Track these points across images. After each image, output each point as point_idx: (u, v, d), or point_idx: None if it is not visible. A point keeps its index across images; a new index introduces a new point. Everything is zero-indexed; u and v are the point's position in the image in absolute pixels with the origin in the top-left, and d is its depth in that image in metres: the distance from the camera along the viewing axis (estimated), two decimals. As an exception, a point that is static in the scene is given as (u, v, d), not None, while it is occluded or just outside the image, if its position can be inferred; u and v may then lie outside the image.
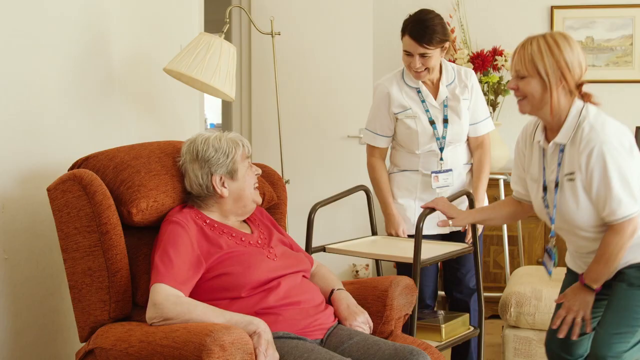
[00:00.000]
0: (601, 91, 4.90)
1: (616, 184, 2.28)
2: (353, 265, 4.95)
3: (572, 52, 2.35)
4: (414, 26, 3.13)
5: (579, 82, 2.37)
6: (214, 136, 2.48)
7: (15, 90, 2.58)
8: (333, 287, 2.57)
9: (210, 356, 1.91)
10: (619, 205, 2.28)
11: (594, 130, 2.32)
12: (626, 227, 2.30)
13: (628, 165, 2.30)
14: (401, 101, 3.26)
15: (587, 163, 2.31)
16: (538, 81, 2.35)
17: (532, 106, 2.41)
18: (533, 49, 2.35)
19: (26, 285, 2.64)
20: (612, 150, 2.29)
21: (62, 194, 2.34)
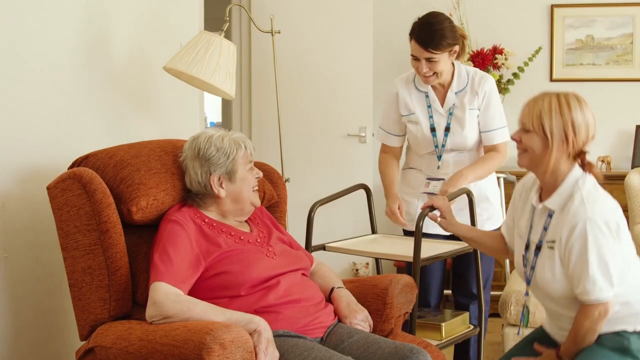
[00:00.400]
0: (601, 90, 4.97)
1: (593, 264, 2.20)
2: (353, 264, 4.96)
3: (581, 116, 2.29)
4: (421, 30, 3.05)
5: (582, 148, 2.30)
6: (217, 135, 2.47)
7: (15, 89, 2.58)
8: (333, 285, 2.57)
9: (211, 354, 1.91)
10: (593, 286, 2.20)
11: (583, 205, 2.24)
12: (594, 310, 2.22)
13: (609, 247, 2.22)
14: (407, 104, 3.24)
15: (569, 237, 2.24)
16: (541, 139, 2.28)
17: (530, 162, 2.35)
18: (544, 105, 2.28)
19: (26, 284, 2.64)
20: (595, 229, 2.21)
21: (62, 192, 2.34)
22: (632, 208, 3.89)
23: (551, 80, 5.10)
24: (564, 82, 5.07)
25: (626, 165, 4.88)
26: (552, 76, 5.11)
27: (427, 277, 3.22)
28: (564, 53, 5.11)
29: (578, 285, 2.23)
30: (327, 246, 3.13)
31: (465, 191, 3.02)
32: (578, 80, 5.06)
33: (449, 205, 2.73)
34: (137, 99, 3.38)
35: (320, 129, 5.02)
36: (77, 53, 2.91)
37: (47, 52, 2.73)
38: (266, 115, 5.01)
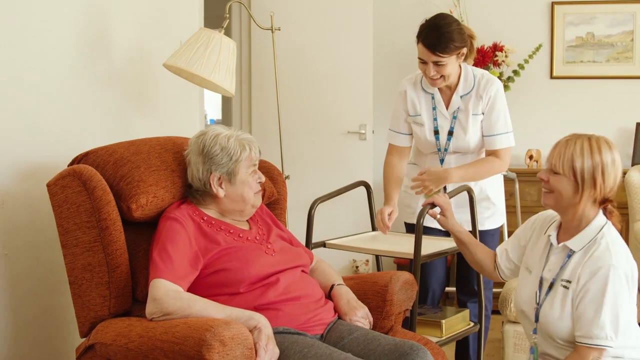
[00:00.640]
0: (601, 87, 4.97)
1: (607, 310, 2.22)
2: (353, 261, 4.96)
3: (612, 162, 2.29)
4: (428, 33, 3.02)
5: (607, 195, 2.31)
6: (224, 134, 2.45)
7: (15, 87, 2.58)
8: (333, 282, 2.57)
9: (211, 351, 1.91)
10: (600, 330, 2.21)
11: (609, 252, 2.26)
12: (589, 354, 2.23)
13: (623, 299, 2.25)
14: (415, 104, 3.22)
15: (589, 279, 2.25)
16: (571, 182, 2.29)
17: (556, 203, 2.35)
18: (576, 149, 2.28)
19: (26, 281, 2.64)
20: (616, 277, 2.23)
21: (61, 189, 2.34)
22: (632, 205, 3.90)
23: (551, 77, 5.10)
24: (564, 79, 5.07)
25: (626, 163, 4.87)
26: (553, 73, 5.11)
27: (427, 274, 3.22)
28: (564, 50, 5.10)
29: (584, 327, 2.24)
30: (327, 243, 3.13)
31: (465, 188, 3.02)
32: (578, 77, 5.06)
33: (449, 203, 2.73)
34: (137, 96, 3.38)
35: (320, 126, 5.02)
36: (77, 50, 2.91)
37: (47, 49, 2.73)
38: (266, 112, 5.01)
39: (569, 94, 5.05)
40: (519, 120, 5.07)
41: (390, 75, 5.31)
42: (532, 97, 5.07)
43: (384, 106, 5.22)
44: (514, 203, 4.50)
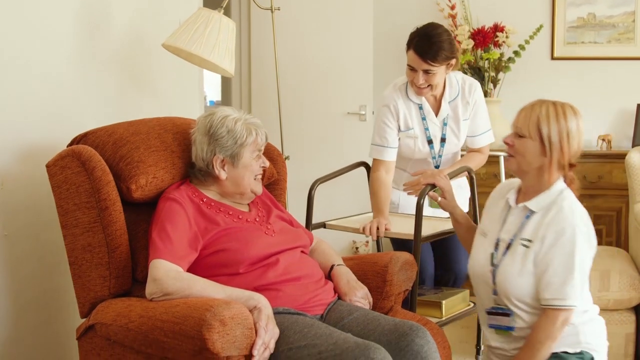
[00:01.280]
0: (602, 68, 4.94)
1: (578, 270, 2.25)
2: (353, 242, 4.96)
3: (576, 127, 2.33)
4: (420, 41, 3.03)
5: (572, 159, 2.35)
6: (232, 117, 2.44)
7: (14, 68, 2.57)
8: (333, 262, 2.57)
9: (211, 331, 1.91)
10: (572, 290, 2.24)
11: (572, 213, 2.30)
12: (560, 315, 2.26)
13: (588, 260, 2.30)
14: (407, 119, 3.20)
15: (556, 240, 2.28)
16: (537, 144, 2.32)
17: (519, 167, 2.37)
18: (542, 112, 2.31)
19: (26, 262, 2.64)
20: (582, 238, 2.28)
21: (61, 170, 2.33)
22: (633, 187, 3.88)
23: (552, 58, 5.07)
24: (565, 60, 5.04)
25: (627, 144, 4.86)
26: (554, 54, 5.08)
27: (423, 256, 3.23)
28: (565, 31, 5.07)
29: (556, 289, 2.25)
30: (327, 224, 3.13)
31: (466, 169, 3.02)
32: (579, 58, 5.03)
33: (450, 184, 2.74)
34: (137, 76, 3.37)
35: (320, 107, 5.00)
36: (76, 31, 2.89)
37: (46, 30, 2.71)
38: (266, 93, 4.99)
39: (569, 75, 5.03)
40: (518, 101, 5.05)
41: (391, 56, 5.28)
42: (533, 78, 5.04)
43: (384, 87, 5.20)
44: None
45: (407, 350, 2.12)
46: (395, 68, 5.23)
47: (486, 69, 4.74)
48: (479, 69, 4.74)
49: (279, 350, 2.08)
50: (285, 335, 2.11)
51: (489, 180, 4.57)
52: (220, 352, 1.94)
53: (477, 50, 4.73)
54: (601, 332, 2.41)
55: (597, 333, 2.39)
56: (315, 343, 2.05)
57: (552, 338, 2.26)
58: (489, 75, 4.75)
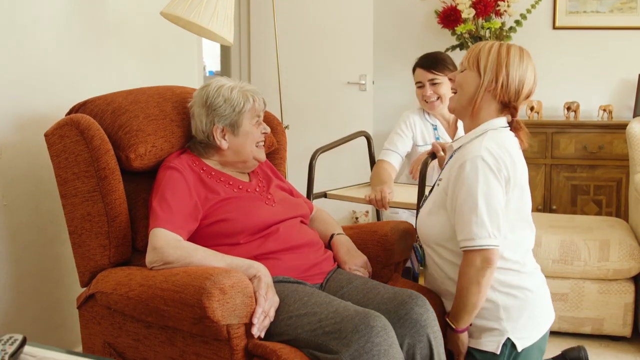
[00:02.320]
0: (605, 38, 4.90)
1: (482, 206, 2.12)
2: (353, 212, 4.96)
3: (518, 65, 2.24)
4: (422, 58, 3.41)
5: (514, 100, 2.24)
6: (227, 85, 2.43)
7: (13, 37, 2.55)
8: (333, 231, 2.57)
9: (210, 299, 1.91)
10: (480, 229, 2.11)
11: (480, 145, 2.17)
12: (476, 257, 2.14)
13: (498, 193, 2.14)
14: (424, 134, 3.42)
15: (457, 177, 2.16)
16: (474, 74, 2.24)
17: (458, 102, 2.30)
18: (485, 46, 2.27)
19: (26, 232, 2.65)
20: (485, 168, 2.13)
21: (59, 139, 2.32)
22: (633, 157, 3.87)
23: (554, 27, 5.04)
24: (567, 29, 5.00)
25: (628, 115, 4.84)
26: (555, 24, 5.04)
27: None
28: (567, 0, 5.03)
29: (464, 229, 2.15)
30: (328, 194, 3.13)
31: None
32: (581, 28, 4.99)
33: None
34: (135, 45, 3.34)
35: (320, 76, 4.98)
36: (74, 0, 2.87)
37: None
38: (265, 62, 4.96)
39: (571, 44, 4.99)
40: (520, 71, 5.03)
41: (391, 25, 5.25)
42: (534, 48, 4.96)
43: (384, 56, 5.18)
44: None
45: (406, 318, 2.12)
46: (395, 38, 5.22)
47: (487, 38, 4.70)
48: (479, 39, 4.71)
49: (278, 319, 2.09)
50: (285, 304, 2.11)
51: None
52: (220, 321, 1.94)
53: (478, 19, 4.69)
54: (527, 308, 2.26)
55: (520, 308, 2.25)
56: (315, 311, 2.05)
57: (475, 282, 2.15)
58: (490, 45, 4.72)
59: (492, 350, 2.24)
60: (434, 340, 2.14)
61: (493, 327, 2.25)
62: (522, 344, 2.25)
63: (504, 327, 2.24)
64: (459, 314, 2.25)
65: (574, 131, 4.55)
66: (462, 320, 2.25)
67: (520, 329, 2.25)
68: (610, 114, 4.71)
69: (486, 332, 2.27)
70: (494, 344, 2.25)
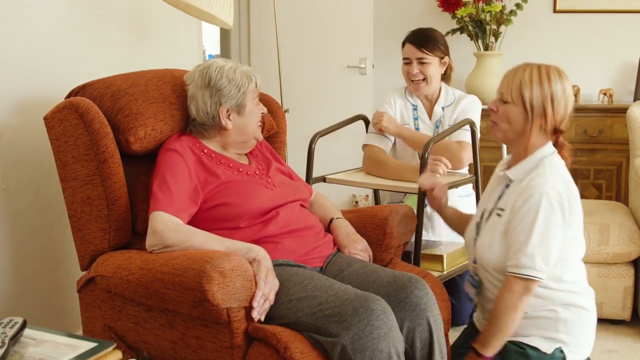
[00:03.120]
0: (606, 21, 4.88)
1: (536, 238, 2.14)
2: (353, 196, 4.96)
3: (562, 90, 2.23)
4: (414, 33, 3.25)
5: (558, 125, 2.25)
6: (229, 66, 2.43)
7: (12, 20, 2.54)
8: (332, 215, 2.57)
9: (210, 282, 1.92)
10: (528, 259, 2.13)
11: (545, 179, 2.18)
12: (517, 284, 2.15)
13: (556, 230, 2.16)
14: (403, 114, 3.30)
15: (521, 206, 2.17)
16: (521, 110, 2.23)
17: (504, 134, 2.29)
18: (524, 76, 2.23)
19: (26, 215, 2.65)
20: (548, 205, 2.15)
21: (59, 122, 2.32)
22: (633, 141, 3.87)
23: (554, 11, 5.01)
24: (567, 13, 4.98)
25: (628, 98, 4.83)
26: (556, 7, 5.01)
27: None
28: (568, -17, 5.00)
29: (513, 256, 2.17)
30: (327, 178, 3.13)
31: (470, 180, 3.02)
32: (582, 11, 4.96)
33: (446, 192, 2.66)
34: (134, 28, 3.33)
35: (319, 60, 4.97)
36: (71, -19, 2.85)
37: (40, -21, 2.68)
38: (265, 45, 4.95)
39: (571, 28, 4.97)
40: (520, 54, 5.01)
41: (391, 9, 5.23)
42: (535, 31, 4.99)
43: (384, 40, 5.16)
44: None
45: (406, 302, 2.13)
46: (395, 21, 5.20)
47: (487, 22, 4.68)
48: (480, 22, 4.69)
49: (278, 302, 2.09)
50: (285, 287, 2.12)
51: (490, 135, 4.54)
52: (220, 304, 1.94)
53: (479, 2, 4.66)
54: (585, 327, 2.30)
55: (580, 326, 2.28)
56: (315, 295, 2.05)
57: (512, 308, 2.17)
58: (491, 29, 4.70)
59: (545, 350, 2.25)
60: (433, 324, 2.14)
61: (550, 336, 2.26)
62: (572, 357, 2.26)
63: (562, 338, 2.26)
64: (491, 340, 2.21)
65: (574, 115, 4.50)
66: (492, 347, 2.21)
67: (576, 343, 2.27)
68: (611, 97, 4.70)
69: (542, 338, 2.27)
70: (547, 345, 2.26)
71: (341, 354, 1.95)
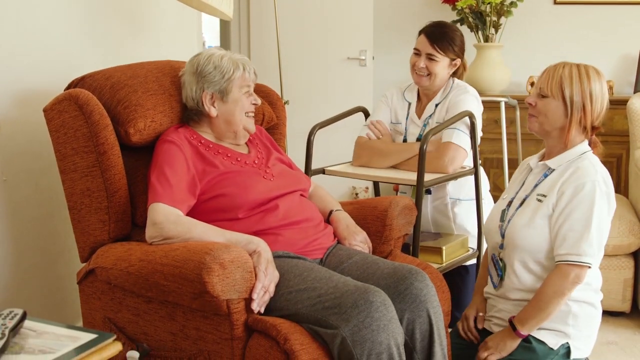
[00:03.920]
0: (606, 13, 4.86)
1: (595, 226, 2.21)
2: (353, 188, 4.96)
3: (600, 89, 2.31)
4: (433, 27, 3.10)
5: (595, 121, 2.32)
6: (218, 54, 2.44)
7: (11, 11, 2.53)
8: (331, 208, 2.57)
9: (210, 274, 1.92)
10: (589, 247, 2.20)
11: (594, 169, 2.27)
12: (572, 271, 2.22)
13: (607, 219, 2.27)
14: (397, 112, 3.25)
15: (574, 194, 2.24)
16: (560, 104, 2.30)
17: (541, 127, 2.36)
18: (564, 72, 2.30)
19: (26, 207, 2.64)
20: (601, 195, 2.24)
21: (58, 114, 2.31)
22: (634, 132, 3.86)
23: (555, 2, 5.00)
24: (568, 4, 4.97)
25: (628, 90, 4.83)
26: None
27: None
28: (568, -26, 4.99)
29: (572, 243, 2.21)
30: (326, 170, 3.12)
31: (467, 113, 2.98)
32: (582, 3, 4.95)
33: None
34: (134, 19, 3.32)
35: (319, 51, 4.96)
36: (70, -28, 2.85)
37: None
38: (265, 37, 4.94)
39: (572, 20, 4.96)
40: (520, 46, 5.01)
41: (391, 0, 5.22)
42: (535, 23, 4.98)
43: (385, 32, 5.15)
44: (514, 130, 4.48)
45: (406, 293, 2.13)
46: (395, 13, 5.19)
47: (488, 13, 4.67)
48: (480, 14, 4.68)
49: (278, 294, 2.09)
50: (285, 279, 2.12)
51: (490, 127, 4.54)
52: (220, 295, 1.95)
53: (480, -6, 4.65)
54: (592, 324, 2.35)
55: (588, 322, 2.33)
56: (315, 286, 2.05)
57: (560, 294, 2.23)
58: (491, 20, 4.69)
59: (551, 346, 2.28)
60: (433, 316, 2.15)
61: (559, 329, 2.30)
62: (577, 353, 2.30)
63: (570, 332, 2.29)
64: (530, 320, 2.27)
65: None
66: (529, 325, 2.28)
67: (582, 339, 2.31)
68: (611, 89, 4.69)
69: (550, 330, 2.30)
70: (554, 341, 2.29)
71: (341, 345, 1.95)
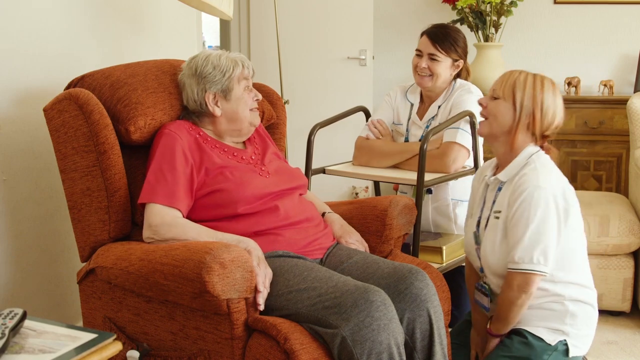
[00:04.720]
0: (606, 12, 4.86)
1: (532, 232, 2.16)
2: (353, 188, 4.96)
3: (553, 99, 2.28)
4: (435, 28, 3.11)
5: (545, 131, 2.29)
6: (215, 54, 2.45)
7: (10, 11, 2.53)
8: (324, 210, 2.59)
9: (210, 273, 1.92)
10: (525, 253, 2.16)
11: (535, 173, 2.22)
12: (513, 279, 2.19)
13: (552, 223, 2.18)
14: (399, 113, 3.24)
15: (514, 202, 2.20)
16: (510, 107, 2.27)
17: (491, 130, 2.32)
18: (520, 77, 2.28)
19: (26, 207, 2.64)
20: (542, 198, 2.17)
21: (58, 113, 2.31)
22: (634, 132, 3.86)
23: (555, 2, 5.00)
24: (568, 4, 4.97)
25: (628, 90, 4.82)
26: (557, -2, 5.01)
27: None
28: (568, -26, 4.99)
29: (511, 252, 2.20)
30: (327, 169, 3.12)
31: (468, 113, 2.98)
32: (582, 2, 4.95)
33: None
34: (134, 19, 3.32)
35: (319, 51, 4.95)
36: (70, -29, 2.84)
37: (39, -30, 2.67)
38: (265, 36, 4.93)
39: (572, 19, 4.96)
40: (520, 45, 5.01)
41: (391, 0, 5.21)
42: (535, 23, 4.98)
43: (385, 31, 5.15)
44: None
45: (406, 293, 2.13)
46: (396, 12, 5.19)
47: (488, 13, 4.67)
48: (480, 13, 4.68)
49: (278, 293, 2.09)
50: (285, 279, 2.12)
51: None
52: (220, 295, 1.94)
53: (480, -7, 4.65)
54: (590, 323, 2.33)
55: (586, 321, 2.31)
56: (315, 286, 2.05)
57: (510, 303, 2.21)
58: (491, 19, 4.68)
59: (549, 342, 2.26)
60: (433, 315, 2.14)
61: (556, 327, 2.28)
62: (575, 351, 2.28)
63: (568, 331, 2.28)
64: (500, 329, 2.30)
65: (574, 106, 4.53)
66: (503, 330, 2.30)
67: (581, 337, 2.30)
68: (611, 89, 4.69)
69: (547, 329, 2.29)
70: (552, 337, 2.27)
71: (341, 345, 1.95)
